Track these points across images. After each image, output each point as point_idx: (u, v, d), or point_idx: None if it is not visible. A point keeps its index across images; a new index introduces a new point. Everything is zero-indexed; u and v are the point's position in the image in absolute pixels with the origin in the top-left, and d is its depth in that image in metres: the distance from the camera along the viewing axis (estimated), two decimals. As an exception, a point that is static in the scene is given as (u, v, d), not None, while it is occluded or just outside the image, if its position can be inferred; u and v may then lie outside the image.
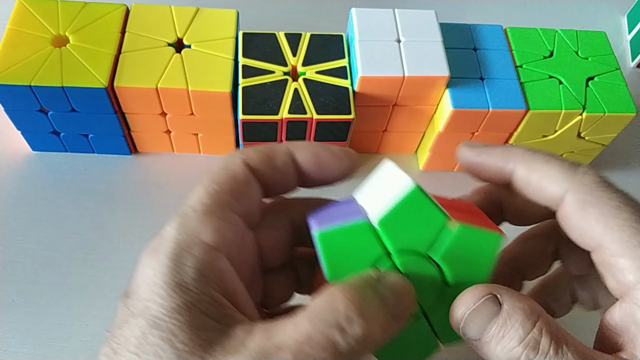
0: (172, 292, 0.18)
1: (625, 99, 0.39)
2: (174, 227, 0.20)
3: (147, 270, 0.19)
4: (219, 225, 0.20)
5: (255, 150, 0.22)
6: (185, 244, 0.19)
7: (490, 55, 0.40)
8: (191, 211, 0.20)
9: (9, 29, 0.37)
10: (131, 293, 0.19)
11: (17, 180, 0.40)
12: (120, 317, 0.19)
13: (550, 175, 0.22)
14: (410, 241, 0.21)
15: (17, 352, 0.34)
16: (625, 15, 0.55)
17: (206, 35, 0.38)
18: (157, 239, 0.20)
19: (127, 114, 0.38)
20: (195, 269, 0.19)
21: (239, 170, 0.22)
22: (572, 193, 0.21)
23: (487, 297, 0.20)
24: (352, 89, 0.37)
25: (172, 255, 0.19)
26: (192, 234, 0.20)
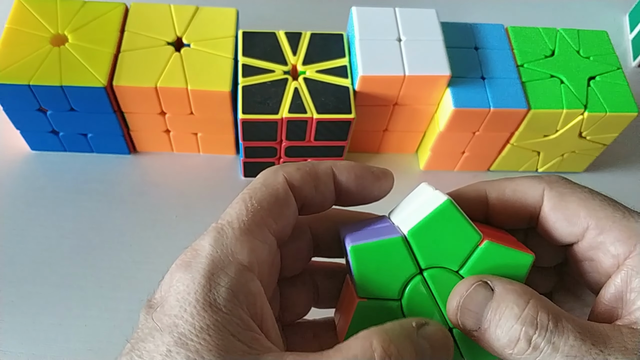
0: (202, 310, 0.18)
1: (627, 99, 0.38)
2: (209, 242, 0.19)
3: (179, 285, 0.18)
4: (256, 246, 0.20)
5: (297, 169, 0.22)
6: (221, 262, 0.19)
7: (491, 54, 0.39)
8: (229, 228, 0.20)
9: (7, 28, 0.37)
10: (157, 305, 0.19)
11: (16, 179, 0.40)
12: (145, 329, 0.18)
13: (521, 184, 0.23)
14: (442, 256, 0.21)
15: (17, 352, 0.34)
16: (626, 15, 0.55)
17: (206, 34, 0.38)
18: (191, 253, 0.19)
19: (126, 114, 0.38)
20: (228, 289, 0.18)
21: (281, 189, 0.21)
22: (548, 189, 0.22)
23: (478, 284, 0.20)
24: (352, 88, 0.37)
25: (207, 272, 0.18)
26: (228, 252, 0.19)
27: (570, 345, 0.18)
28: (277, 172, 0.22)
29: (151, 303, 0.19)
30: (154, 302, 0.19)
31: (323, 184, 0.22)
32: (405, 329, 0.19)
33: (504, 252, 0.21)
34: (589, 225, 0.21)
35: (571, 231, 0.22)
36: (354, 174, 0.23)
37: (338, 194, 0.23)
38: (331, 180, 0.23)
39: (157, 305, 0.19)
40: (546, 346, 0.18)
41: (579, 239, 0.22)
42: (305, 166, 0.22)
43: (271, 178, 0.22)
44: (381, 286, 0.21)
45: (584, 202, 0.22)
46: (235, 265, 0.19)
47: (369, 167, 0.24)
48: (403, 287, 0.21)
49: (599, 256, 0.22)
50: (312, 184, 0.22)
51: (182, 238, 0.38)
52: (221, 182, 0.42)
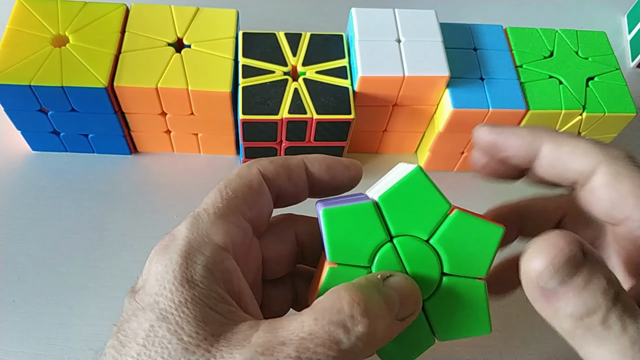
0: (180, 287, 0.19)
1: (625, 99, 0.39)
2: (186, 227, 0.21)
3: (157, 266, 0.20)
4: (230, 229, 0.21)
5: (271, 161, 0.23)
6: (196, 242, 0.20)
7: (490, 55, 0.40)
8: (205, 214, 0.21)
9: (8, 29, 0.37)
10: (139, 288, 0.20)
11: (17, 180, 0.40)
12: (128, 311, 0.19)
13: (581, 148, 0.21)
14: (412, 224, 0.21)
15: (17, 352, 0.34)
16: (625, 15, 0.55)
17: (206, 35, 0.38)
18: (169, 237, 0.21)
19: (127, 114, 0.38)
20: (204, 266, 0.19)
21: (254, 179, 0.23)
22: (606, 165, 0.21)
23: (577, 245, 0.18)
24: (352, 89, 0.37)
25: (183, 252, 0.20)
26: (203, 234, 0.20)
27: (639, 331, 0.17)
28: (251, 165, 0.23)
29: (134, 288, 0.20)
30: (137, 287, 0.20)
31: (296, 174, 0.24)
32: (371, 281, 0.20)
33: (474, 222, 0.21)
34: (632, 215, 0.20)
35: (612, 215, 0.21)
36: (325, 165, 0.24)
37: (311, 184, 0.24)
38: (303, 171, 0.24)
39: (139, 289, 0.20)
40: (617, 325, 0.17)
41: (617, 224, 0.21)
42: (278, 159, 0.24)
43: (245, 170, 0.23)
44: (352, 252, 0.21)
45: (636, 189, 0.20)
46: (210, 245, 0.20)
47: (339, 159, 0.25)
48: (373, 254, 0.22)
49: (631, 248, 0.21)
50: (285, 175, 0.23)
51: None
52: (221, 182, 0.42)
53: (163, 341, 0.18)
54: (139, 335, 0.18)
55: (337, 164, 0.24)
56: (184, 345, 0.17)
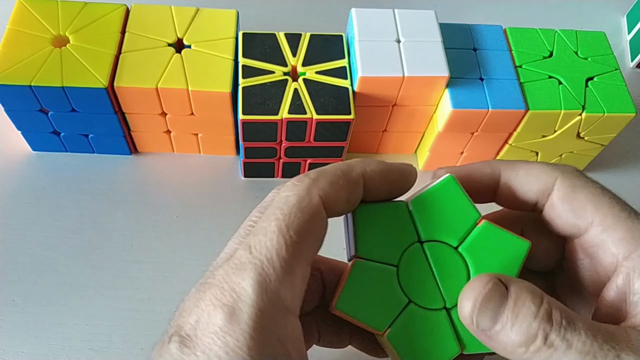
0: None
1: (625, 99, 0.39)
2: (252, 286, 0.18)
3: (227, 337, 0.18)
4: (297, 286, 0.19)
5: (331, 183, 0.21)
6: (268, 311, 0.18)
7: (489, 55, 0.40)
8: (270, 267, 0.18)
9: (9, 29, 0.37)
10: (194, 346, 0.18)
11: (17, 180, 0.40)
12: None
13: (536, 168, 0.23)
14: (441, 230, 0.21)
15: (17, 352, 0.34)
16: (624, 16, 0.55)
17: (206, 36, 0.38)
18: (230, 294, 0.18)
19: (127, 114, 0.38)
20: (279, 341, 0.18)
21: (318, 215, 0.20)
22: (562, 179, 0.22)
23: (495, 282, 0.19)
24: (352, 89, 0.37)
25: (257, 326, 0.18)
26: (274, 299, 0.18)
27: (583, 342, 0.18)
28: (311, 191, 0.20)
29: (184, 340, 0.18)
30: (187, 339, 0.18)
31: (355, 195, 0.22)
32: None
33: (502, 234, 0.22)
34: (594, 220, 0.21)
35: (575, 223, 0.22)
36: (385, 179, 0.22)
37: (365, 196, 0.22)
38: (362, 188, 0.22)
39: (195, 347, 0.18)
40: (561, 343, 0.18)
41: (582, 233, 0.22)
42: (338, 179, 0.21)
43: (306, 200, 0.20)
44: (381, 249, 0.21)
45: (593, 196, 0.22)
46: (282, 313, 0.18)
47: (395, 166, 0.23)
48: (402, 254, 0.22)
49: (598, 254, 0.22)
50: (346, 198, 0.21)
51: (183, 238, 0.39)
52: (221, 182, 0.42)
53: None
54: None
55: (395, 174, 0.22)
56: None
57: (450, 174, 0.22)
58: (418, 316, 0.21)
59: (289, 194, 0.20)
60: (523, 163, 0.24)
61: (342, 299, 0.21)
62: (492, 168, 0.24)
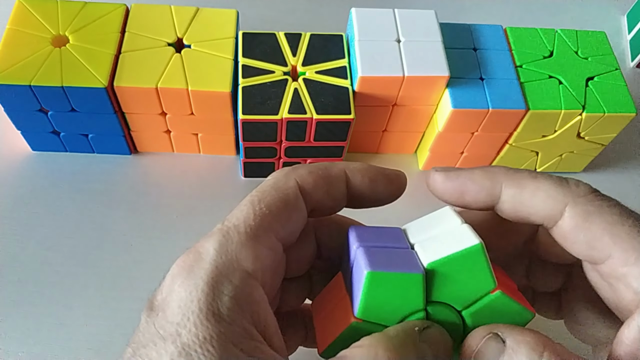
0: (205, 320, 0.17)
1: (625, 99, 0.39)
2: (214, 246, 0.19)
3: (181, 290, 0.18)
4: (261, 253, 0.19)
5: (310, 172, 0.21)
6: (225, 268, 0.18)
7: (490, 55, 0.40)
8: (235, 232, 0.19)
9: (8, 29, 0.37)
10: (159, 309, 0.18)
11: (17, 180, 0.40)
12: (146, 334, 0.18)
13: (544, 190, 0.20)
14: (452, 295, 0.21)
15: (17, 352, 0.34)
16: (625, 15, 0.55)
17: (206, 35, 0.38)
18: (194, 255, 0.19)
19: (127, 114, 0.38)
20: (232, 297, 0.18)
21: (291, 193, 0.21)
22: (572, 206, 0.20)
23: (488, 337, 0.19)
24: (352, 89, 0.37)
25: (210, 280, 0.18)
26: (232, 258, 0.19)
27: None
28: (289, 175, 0.21)
29: (152, 305, 0.19)
30: (155, 305, 0.19)
31: (335, 187, 0.22)
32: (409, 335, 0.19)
33: (510, 305, 0.21)
34: (612, 254, 0.20)
35: (591, 255, 0.20)
36: (368, 178, 0.22)
37: (350, 196, 0.23)
38: (344, 184, 0.22)
39: (158, 309, 0.18)
40: None
41: (598, 264, 0.20)
42: (318, 169, 0.22)
43: (282, 181, 0.21)
44: (383, 313, 0.20)
45: (610, 226, 0.19)
46: (239, 272, 0.19)
47: (383, 170, 0.23)
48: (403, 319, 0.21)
49: (619, 287, 0.20)
50: (325, 189, 0.22)
51: (183, 238, 0.39)
52: (221, 182, 0.42)
53: None
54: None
55: (380, 177, 0.23)
56: None
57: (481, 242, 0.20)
58: None
59: (269, 179, 0.21)
60: (529, 179, 0.21)
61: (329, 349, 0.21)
62: (492, 180, 0.21)
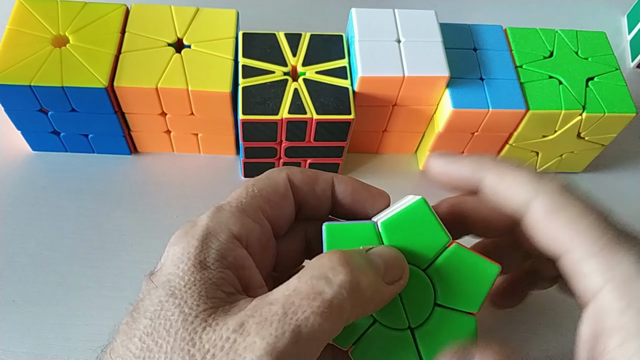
0: (192, 267, 0.20)
1: (625, 99, 0.39)
2: (207, 215, 0.22)
3: (175, 248, 0.21)
4: (247, 222, 0.22)
5: (301, 171, 0.24)
6: (214, 229, 0.21)
7: (490, 55, 0.40)
8: (227, 206, 0.22)
9: (8, 29, 0.37)
10: (157, 270, 0.21)
11: (17, 180, 0.40)
12: (144, 291, 0.20)
13: (518, 182, 0.22)
14: (411, 253, 0.21)
15: (17, 352, 0.34)
16: (625, 16, 0.55)
17: (206, 36, 0.38)
18: (190, 224, 0.22)
19: (127, 114, 0.38)
20: (217, 250, 0.21)
21: (281, 182, 0.24)
22: (540, 199, 0.21)
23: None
24: (352, 89, 0.37)
25: (200, 237, 0.21)
26: (221, 222, 0.21)
27: None
28: (282, 169, 0.24)
29: (152, 271, 0.21)
30: (155, 270, 0.21)
31: (321, 189, 0.25)
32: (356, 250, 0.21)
33: (471, 257, 0.21)
34: (569, 249, 0.20)
35: (552, 249, 0.21)
36: (351, 187, 0.25)
37: (334, 203, 0.25)
38: (329, 187, 0.25)
39: (156, 271, 0.21)
40: None
41: (558, 259, 0.21)
42: (308, 171, 0.25)
43: (275, 173, 0.24)
44: None
45: (572, 221, 0.20)
46: (226, 232, 0.21)
47: (367, 186, 0.25)
48: None
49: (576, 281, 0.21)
50: (311, 186, 0.24)
51: (183, 238, 0.38)
52: (221, 182, 0.42)
53: (167, 314, 0.19)
54: (149, 310, 0.19)
55: (363, 190, 0.25)
56: (185, 316, 0.19)
57: (422, 197, 0.22)
58: (383, 335, 0.21)
59: (264, 173, 0.24)
60: (510, 169, 0.23)
61: None
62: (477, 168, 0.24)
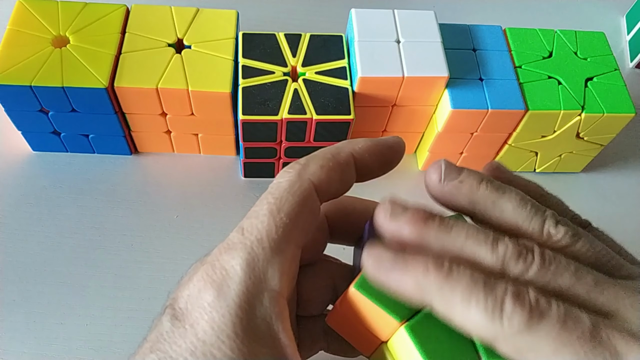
0: (240, 344, 0.18)
1: (624, 100, 0.39)
2: (240, 265, 0.19)
3: (212, 313, 0.18)
4: (286, 267, 0.19)
5: (321, 167, 0.21)
6: (255, 290, 0.19)
7: (489, 55, 0.40)
8: (259, 247, 0.19)
9: (9, 30, 0.37)
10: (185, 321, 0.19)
11: (17, 180, 0.40)
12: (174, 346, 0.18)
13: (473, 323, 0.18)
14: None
15: (17, 352, 0.34)
16: (624, 16, 0.55)
17: (206, 36, 0.38)
18: (220, 272, 0.19)
19: (127, 114, 0.38)
20: (264, 320, 0.18)
21: (309, 197, 0.20)
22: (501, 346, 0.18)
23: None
24: (351, 90, 0.37)
25: (242, 302, 0.18)
26: (260, 277, 0.19)
27: None
28: (302, 175, 0.20)
29: (176, 312, 0.19)
30: (179, 313, 0.19)
31: (347, 175, 0.22)
32: None
33: None
34: None
35: None
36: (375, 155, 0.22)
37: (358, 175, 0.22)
38: (353, 168, 0.22)
39: (184, 321, 0.19)
40: None
41: None
42: (327, 161, 0.21)
43: (297, 184, 0.20)
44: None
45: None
46: (268, 293, 0.19)
47: (384, 141, 0.23)
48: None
49: None
50: (338, 179, 0.21)
51: (183, 238, 0.39)
52: (222, 182, 0.42)
53: None
54: None
55: (384, 148, 0.23)
56: None
57: None
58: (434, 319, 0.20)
59: (280, 180, 0.21)
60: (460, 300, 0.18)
61: (362, 284, 0.20)
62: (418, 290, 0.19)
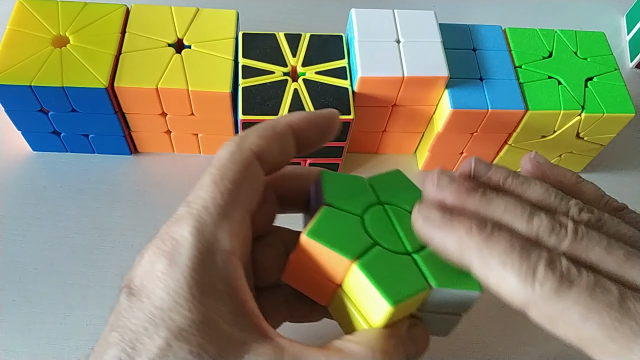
0: (198, 304, 0.18)
1: (624, 100, 0.39)
2: (189, 232, 0.19)
3: (167, 279, 0.18)
4: (235, 229, 0.20)
5: (260, 136, 0.22)
6: (207, 253, 0.19)
7: (489, 55, 0.40)
8: (207, 214, 0.20)
9: (9, 30, 0.37)
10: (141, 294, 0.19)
11: (17, 180, 0.40)
12: (133, 319, 0.18)
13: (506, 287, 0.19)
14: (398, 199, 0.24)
15: (17, 352, 0.34)
16: (624, 16, 0.55)
17: (206, 36, 0.38)
18: (170, 242, 0.19)
19: (127, 114, 0.38)
20: (219, 278, 0.19)
21: (250, 164, 0.21)
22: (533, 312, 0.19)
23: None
24: (351, 90, 0.37)
25: (195, 265, 0.19)
26: (211, 240, 0.19)
27: None
28: (242, 145, 0.21)
29: (132, 289, 0.19)
30: (135, 289, 0.19)
31: (286, 143, 0.23)
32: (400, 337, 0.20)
33: None
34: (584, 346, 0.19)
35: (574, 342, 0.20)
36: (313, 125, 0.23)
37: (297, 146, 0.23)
38: (292, 137, 0.23)
39: (140, 294, 0.19)
40: None
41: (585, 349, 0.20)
42: (265, 130, 0.22)
43: (237, 154, 0.21)
44: (346, 201, 0.23)
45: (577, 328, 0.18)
46: (221, 254, 0.19)
47: (319, 113, 0.24)
48: (365, 209, 0.23)
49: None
50: (277, 148, 0.22)
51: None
52: (221, 182, 0.42)
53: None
54: (152, 352, 0.17)
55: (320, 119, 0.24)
56: None
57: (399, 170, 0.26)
58: (384, 255, 0.22)
59: (221, 152, 0.21)
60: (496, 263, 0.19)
61: (312, 230, 0.21)
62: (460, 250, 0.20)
